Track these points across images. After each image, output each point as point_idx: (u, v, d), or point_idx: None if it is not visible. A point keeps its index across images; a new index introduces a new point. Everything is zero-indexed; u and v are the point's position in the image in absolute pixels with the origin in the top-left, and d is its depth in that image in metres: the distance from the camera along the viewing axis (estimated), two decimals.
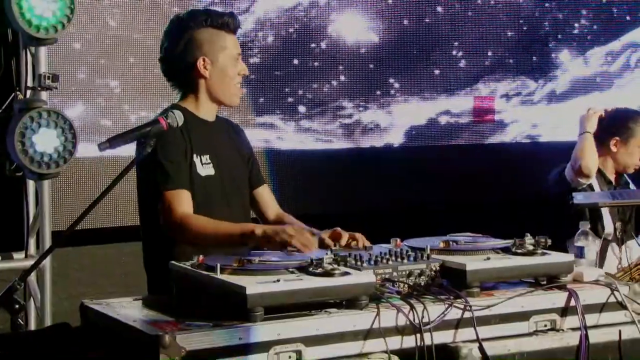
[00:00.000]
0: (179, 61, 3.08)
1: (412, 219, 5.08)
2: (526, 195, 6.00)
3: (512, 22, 6.18)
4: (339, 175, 5.68)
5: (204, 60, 3.06)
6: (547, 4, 6.29)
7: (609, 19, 6.47)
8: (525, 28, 6.23)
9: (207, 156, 3.07)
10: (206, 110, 3.13)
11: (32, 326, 4.18)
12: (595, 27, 6.43)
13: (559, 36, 6.35)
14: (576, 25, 6.39)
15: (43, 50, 4.12)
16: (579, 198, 3.73)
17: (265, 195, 3.30)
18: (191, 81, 3.11)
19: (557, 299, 2.64)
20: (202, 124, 3.11)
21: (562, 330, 2.62)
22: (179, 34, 3.08)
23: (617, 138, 4.17)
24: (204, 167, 3.05)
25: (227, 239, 2.88)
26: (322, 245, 2.92)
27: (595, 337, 2.64)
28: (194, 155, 3.03)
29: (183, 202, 2.94)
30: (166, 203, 2.93)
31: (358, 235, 2.94)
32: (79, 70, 4.90)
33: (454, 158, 6.00)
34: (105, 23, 4.97)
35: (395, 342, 2.39)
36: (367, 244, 2.91)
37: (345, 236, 2.93)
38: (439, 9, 5.96)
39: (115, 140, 2.61)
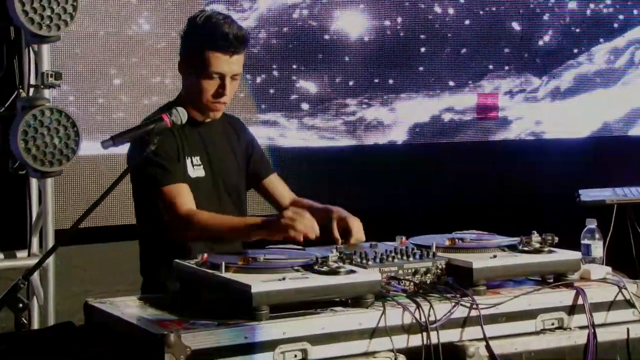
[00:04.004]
0: (181, 52, 3.04)
1: (417, 216, 5.06)
2: (531, 192, 6.00)
3: (516, 18, 6.16)
4: (343, 173, 5.66)
5: (182, 61, 3.00)
6: (550, 1, 6.26)
7: (613, 15, 6.44)
8: (529, 24, 6.20)
9: (198, 157, 3.01)
10: (195, 111, 3.03)
11: (36, 325, 4.16)
12: (599, 22, 6.40)
13: (563, 32, 6.32)
14: (581, 21, 6.36)
15: (46, 48, 4.10)
16: (584, 195, 3.70)
17: (276, 183, 3.22)
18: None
19: (565, 297, 2.62)
20: (194, 123, 3.02)
21: (570, 328, 2.61)
22: (186, 29, 3.02)
23: None
24: (195, 169, 2.99)
25: (233, 232, 2.83)
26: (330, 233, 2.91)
27: (603, 335, 2.62)
28: (185, 157, 2.98)
29: (184, 196, 2.89)
30: (167, 199, 2.88)
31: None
32: (82, 68, 4.89)
33: (458, 155, 5.98)
34: (107, 20, 4.96)
35: (401, 341, 2.38)
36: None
37: (353, 229, 2.92)
38: (443, 4, 5.94)
39: (118, 138, 2.61)
